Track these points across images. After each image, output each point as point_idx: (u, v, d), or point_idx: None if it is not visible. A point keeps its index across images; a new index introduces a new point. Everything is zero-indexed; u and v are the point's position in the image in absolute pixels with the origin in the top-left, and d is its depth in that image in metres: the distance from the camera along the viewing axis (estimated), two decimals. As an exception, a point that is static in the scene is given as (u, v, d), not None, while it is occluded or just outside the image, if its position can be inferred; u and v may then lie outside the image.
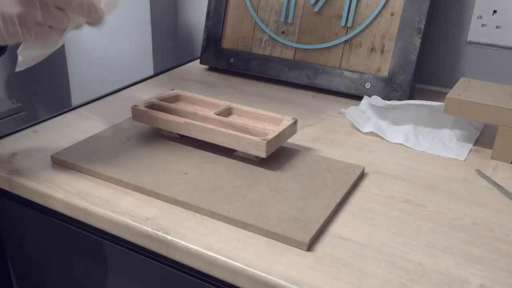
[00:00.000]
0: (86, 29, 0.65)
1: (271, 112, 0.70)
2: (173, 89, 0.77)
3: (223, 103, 0.73)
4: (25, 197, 0.63)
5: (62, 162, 0.65)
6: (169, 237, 0.53)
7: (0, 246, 0.74)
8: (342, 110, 0.81)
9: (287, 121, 0.68)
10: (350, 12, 0.89)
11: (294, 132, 0.69)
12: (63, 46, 1.47)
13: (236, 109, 0.73)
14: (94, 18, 0.56)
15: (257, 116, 0.71)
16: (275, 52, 0.96)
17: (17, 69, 0.57)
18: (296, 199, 0.58)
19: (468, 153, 0.71)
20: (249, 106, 0.72)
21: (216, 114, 0.69)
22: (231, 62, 1.00)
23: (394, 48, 0.86)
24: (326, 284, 0.46)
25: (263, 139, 0.62)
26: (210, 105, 0.74)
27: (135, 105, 0.71)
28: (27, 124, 0.78)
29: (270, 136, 0.63)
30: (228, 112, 0.72)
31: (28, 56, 0.58)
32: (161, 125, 0.69)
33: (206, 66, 1.04)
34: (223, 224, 0.55)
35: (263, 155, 0.62)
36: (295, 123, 0.68)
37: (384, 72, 0.88)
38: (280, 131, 0.65)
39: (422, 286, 0.46)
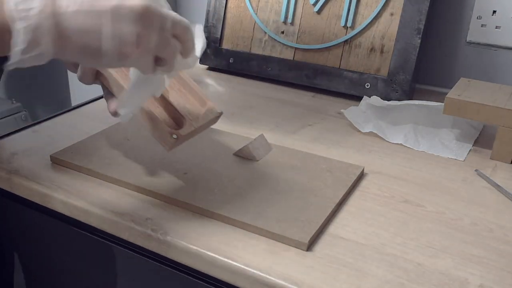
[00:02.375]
0: None
1: (202, 92, 0.61)
2: None
3: None
4: (24, 197, 0.63)
5: (61, 162, 0.65)
6: (168, 237, 0.53)
7: (0, 246, 0.74)
8: (342, 110, 0.81)
9: (210, 113, 0.59)
10: (350, 12, 0.89)
11: (214, 124, 0.61)
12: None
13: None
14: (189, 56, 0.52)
15: (190, 90, 0.61)
16: (274, 52, 0.96)
17: (123, 120, 0.53)
18: (296, 199, 0.58)
19: (468, 153, 0.72)
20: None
21: None
22: (231, 62, 1.00)
23: (394, 48, 0.86)
24: (325, 284, 0.46)
25: (173, 135, 0.55)
26: None
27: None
28: (27, 124, 0.78)
29: (184, 131, 0.56)
30: None
31: (130, 105, 0.52)
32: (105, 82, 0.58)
33: (206, 66, 1.04)
34: (223, 224, 0.55)
35: (167, 148, 0.57)
36: (218, 117, 0.60)
37: (384, 72, 0.88)
38: (197, 126, 0.57)
39: (422, 286, 0.46)
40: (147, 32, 0.44)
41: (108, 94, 0.56)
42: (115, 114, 0.54)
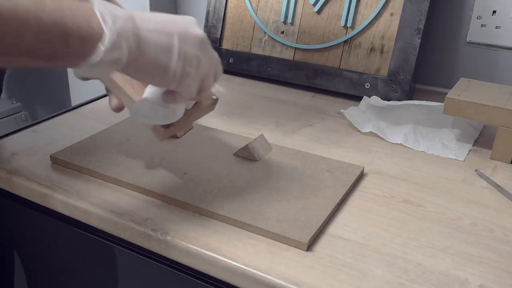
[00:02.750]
0: None
1: None
2: None
3: None
4: (24, 197, 0.63)
5: (61, 162, 0.65)
6: (168, 237, 0.53)
7: (0, 246, 0.74)
8: (342, 110, 0.81)
9: (206, 100, 0.58)
10: (350, 12, 0.89)
11: (211, 109, 0.60)
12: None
13: None
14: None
15: None
16: (274, 52, 0.96)
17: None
18: (296, 199, 0.58)
19: (468, 154, 0.72)
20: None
21: None
22: (231, 62, 1.00)
23: (394, 48, 0.86)
24: (325, 284, 0.46)
25: (163, 125, 0.55)
26: None
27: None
28: (27, 124, 0.78)
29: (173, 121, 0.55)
30: None
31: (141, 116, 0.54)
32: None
33: (206, 66, 1.04)
34: (223, 224, 0.55)
35: (158, 139, 0.57)
36: (214, 103, 0.59)
37: (384, 72, 0.88)
38: (188, 115, 0.56)
39: (422, 286, 0.46)
40: (204, 57, 0.50)
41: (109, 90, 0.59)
42: (117, 110, 0.58)
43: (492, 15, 0.88)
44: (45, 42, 0.41)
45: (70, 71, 1.47)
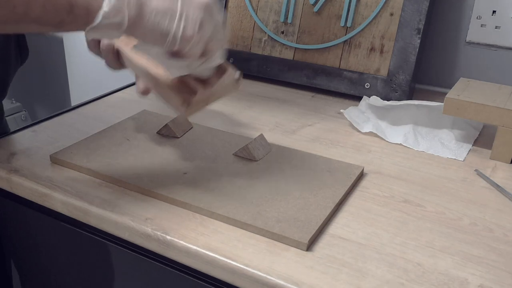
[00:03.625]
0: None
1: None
2: None
3: None
4: (24, 196, 0.63)
5: (61, 161, 0.65)
6: (168, 237, 0.53)
7: (-1, 246, 0.74)
8: (341, 110, 0.81)
9: (229, 76, 0.58)
10: (350, 12, 0.89)
11: (235, 88, 0.60)
12: (62, 46, 1.47)
13: None
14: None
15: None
16: (274, 52, 0.96)
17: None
18: (295, 199, 0.58)
19: (467, 153, 0.72)
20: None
21: None
22: (231, 62, 1.00)
23: (394, 48, 0.86)
24: (325, 284, 0.46)
25: (185, 101, 0.56)
26: None
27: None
28: (27, 124, 0.78)
29: (197, 97, 0.56)
30: None
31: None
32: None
33: (206, 66, 1.04)
34: (223, 224, 0.55)
35: (185, 115, 0.59)
36: (238, 78, 0.59)
37: (384, 72, 0.88)
38: (207, 94, 0.57)
39: (421, 286, 0.46)
40: (208, 21, 0.51)
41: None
42: (144, 93, 0.60)
43: (492, 15, 0.88)
44: (52, 12, 0.46)
45: (70, 71, 1.47)
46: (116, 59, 0.61)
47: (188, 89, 0.57)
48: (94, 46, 0.61)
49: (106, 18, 0.46)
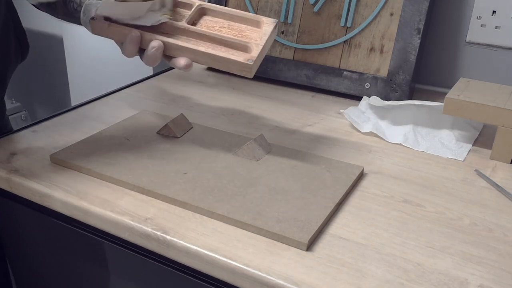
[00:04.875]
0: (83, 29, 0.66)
1: (248, 13, 0.65)
2: None
3: (193, 1, 0.66)
4: (24, 196, 0.63)
5: (61, 161, 0.65)
6: (168, 237, 0.53)
7: (-1, 245, 0.74)
8: (341, 110, 0.81)
9: (268, 26, 0.63)
10: (350, 12, 0.89)
11: (275, 35, 0.65)
12: (62, 46, 1.47)
13: (209, 9, 0.66)
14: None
15: (233, 17, 0.65)
16: (274, 52, 0.96)
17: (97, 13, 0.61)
18: (295, 199, 0.58)
19: (467, 154, 0.72)
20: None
21: (188, 22, 0.64)
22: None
23: (394, 48, 0.86)
24: (325, 284, 0.46)
25: (248, 60, 0.59)
26: (179, 4, 0.67)
27: (93, 18, 0.63)
28: (27, 124, 0.78)
29: (254, 53, 0.60)
30: (201, 13, 0.66)
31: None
32: (122, 38, 0.63)
33: (205, 66, 1.04)
34: (222, 224, 0.55)
35: (249, 75, 0.60)
36: (276, 26, 0.64)
37: (384, 72, 0.88)
38: (263, 43, 0.61)
39: (421, 286, 0.46)
40: None
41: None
42: (186, 67, 0.61)
43: (492, 15, 0.88)
44: None
45: (70, 71, 1.47)
46: (161, 55, 0.62)
47: (244, 53, 0.61)
48: (134, 49, 0.62)
49: None
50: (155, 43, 0.60)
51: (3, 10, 0.76)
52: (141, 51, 0.63)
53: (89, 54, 1.39)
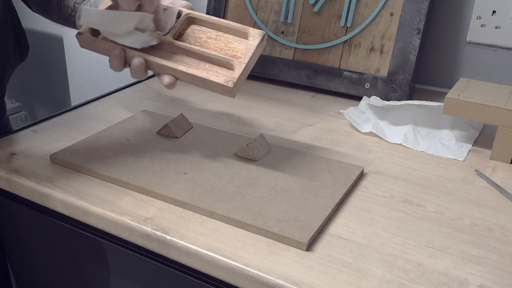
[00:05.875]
0: None
1: (236, 24, 0.63)
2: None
3: (181, 12, 0.65)
4: (24, 196, 0.63)
5: (61, 162, 0.65)
6: (168, 237, 0.53)
7: (-1, 245, 0.74)
8: (341, 110, 0.81)
9: (254, 39, 0.61)
10: (350, 12, 0.89)
11: (263, 47, 0.63)
12: (62, 46, 1.47)
13: (196, 18, 0.65)
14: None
15: (220, 27, 0.64)
16: (274, 52, 0.97)
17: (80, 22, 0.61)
18: (295, 199, 0.58)
19: (467, 154, 0.72)
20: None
21: (176, 31, 0.63)
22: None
23: (394, 48, 0.86)
24: (325, 284, 0.46)
25: (229, 82, 0.58)
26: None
27: (79, 33, 0.64)
28: (27, 124, 0.78)
29: (236, 73, 0.59)
30: (188, 22, 0.65)
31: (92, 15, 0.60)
32: (106, 54, 0.63)
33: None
34: (222, 224, 0.55)
35: (231, 96, 0.59)
36: (263, 38, 0.62)
37: (384, 72, 0.88)
38: (246, 61, 0.59)
39: (421, 286, 0.46)
40: None
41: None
42: (170, 86, 0.61)
43: (492, 15, 0.88)
44: None
45: (70, 71, 1.47)
46: (145, 71, 0.62)
47: (228, 69, 0.60)
48: (120, 64, 0.61)
49: None
50: (137, 60, 0.60)
51: (1, 10, 0.76)
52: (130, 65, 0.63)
53: (89, 54, 1.39)
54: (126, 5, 0.58)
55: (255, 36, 0.61)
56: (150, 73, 0.99)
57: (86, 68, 1.42)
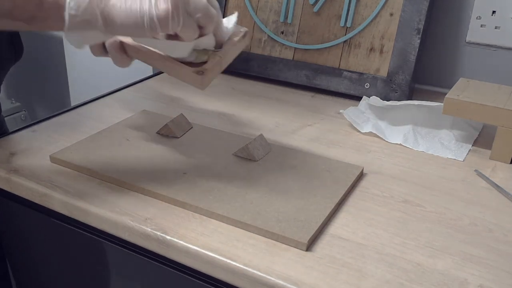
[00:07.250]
0: None
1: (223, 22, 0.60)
2: None
3: None
4: (24, 196, 0.63)
5: (61, 161, 0.65)
6: (168, 237, 0.53)
7: (-1, 246, 0.74)
8: (341, 110, 0.81)
9: (233, 36, 0.59)
10: (349, 12, 0.89)
11: (244, 45, 0.61)
12: (62, 46, 1.47)
13: None
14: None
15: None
16: (274, 52, 0.97)
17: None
18: (295, 199, 0.58)
19: (467, 154, 0.72)
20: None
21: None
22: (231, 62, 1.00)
23: (393, 48, 0.86)
24: (325, 284, 0.46)
25: (199, 72, 0.55)
26: None
27: None
28: (26, 124, 0.78)
29: (209, 64, 0.56)
30: None
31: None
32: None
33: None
34: (222, 224, 0.55)
35: (200, 88, 0.56)
36: (244, 35, 0.60)
37: (383, 73, 0.88)
38: (222, 55, 0.57)
39: (421, 286, 0.46)
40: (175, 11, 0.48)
41: None
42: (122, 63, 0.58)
43: (492, 15, 0.88)
44: (22, 6, 0.47)
45: (69, 71, 1.47)
46: (123, 54, 0.59)
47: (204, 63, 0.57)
48: (98, 49, 0.60)
49: (74, 12, 0.47)
50: (111, 40, 0.58)
51: None
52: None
53: (89, 54, 1.39)
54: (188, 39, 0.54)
55: (237, 31, 0.60)
56: (150, 73, 0.98)
57: (86, 68, 1.42)
